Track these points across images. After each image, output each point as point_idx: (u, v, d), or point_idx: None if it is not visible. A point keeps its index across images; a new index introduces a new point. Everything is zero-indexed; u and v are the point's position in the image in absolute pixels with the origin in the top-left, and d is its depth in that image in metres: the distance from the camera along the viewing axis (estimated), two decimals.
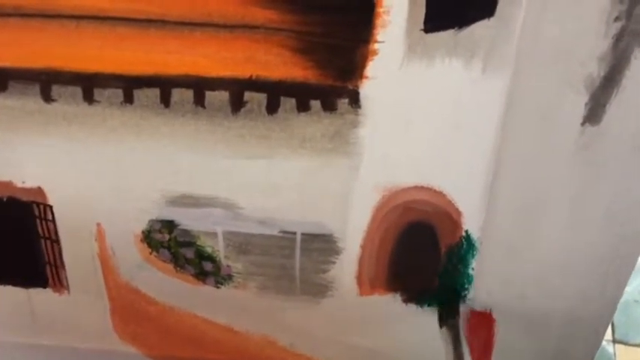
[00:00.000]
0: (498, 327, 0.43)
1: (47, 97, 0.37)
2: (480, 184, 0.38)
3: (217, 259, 0.42)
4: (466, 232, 0.40)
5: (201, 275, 0.43)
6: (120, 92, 0.36)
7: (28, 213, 0.41)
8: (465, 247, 0.40)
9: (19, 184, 0.40)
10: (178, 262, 0.43)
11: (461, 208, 0.39)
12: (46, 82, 0.36)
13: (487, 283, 0.42)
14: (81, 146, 0.38)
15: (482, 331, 0.44)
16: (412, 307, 0.43)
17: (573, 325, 0.42)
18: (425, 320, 0.44)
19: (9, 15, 0.34)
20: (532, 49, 0.33)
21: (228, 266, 0.43)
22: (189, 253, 0.42)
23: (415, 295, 0.43)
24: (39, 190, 0.40)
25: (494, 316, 0.43)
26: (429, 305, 0.43)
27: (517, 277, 0.41)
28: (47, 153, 0.39)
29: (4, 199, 0.41)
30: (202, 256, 0.42)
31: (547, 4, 0.32)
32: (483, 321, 0.43)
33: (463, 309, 0.43)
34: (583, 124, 0.35)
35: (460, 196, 0.38)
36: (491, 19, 0.32)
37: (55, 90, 0.36)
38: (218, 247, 0.42)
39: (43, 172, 0.40)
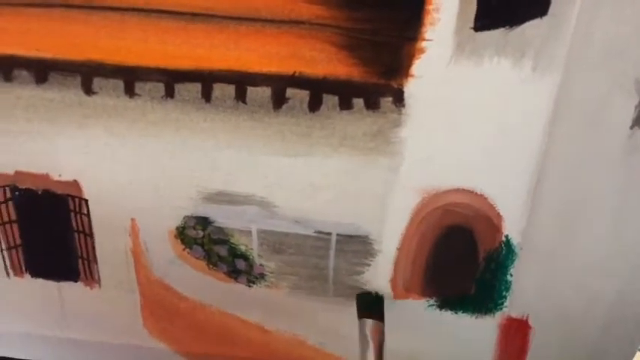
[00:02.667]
0: (534, 333, 0.43)
1: (88, 90, 0.36)
2: (524, 188, 0.37)
3: (250, 257, 0.42)
4: (506, 237, 0.39)
5: (234, 273, 0.43)
6: (161, 86, 0.36)
7: (62, 206, 0.41)
8: (504, 253, 0.40)
9: (55, 177, 0.40)
10: (211, 259, 0.42)
11: (502, 213, 0.38)
12: (88, 75, 0.36)
13: (525, 289, 0.41)
14: (119, 140, 0.38)
15: (517, 338, 0.43)
16: (447, 313, 0.43)
17: (610, 330, 0.42)
18: (459, 326, 0.43)
19: (53, 6, 0.34)
20: (584, 50, 0.33)
21: (261, 265, 0.42)
22: (223, 251, 0.42)
23: (450, 301, 0.42)
24: (75, 184, 0.40)
25: (531, 322, 0.42)
26: (464, 312, 0.43)
27: (555, 283, 0.41)
28: (85, 146, 0.38)
29: (40, 192, 0.41)
30: (235, 254, 0.42)
31: (601, 4, 0.31)
32: (519, 328, 0.42)
33: (499, 315, 0.42)
34: (632, 127, 0.34)
35: (502, 199, 0.38)
36: (544, 18, 0.32)
37: (97, 82, 0.36)
38: (252, 246, 0.41)
39: (79, 166, 0.39)
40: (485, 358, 0.44)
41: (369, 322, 0.40)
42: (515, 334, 0.43)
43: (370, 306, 0.41)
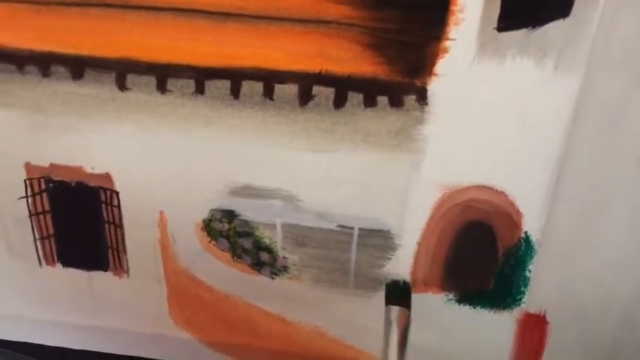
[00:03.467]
0: (551, 329, 0.43)
1: (122, 86, 0.38)
2: (544, 186, 0.38)
3: (274, 250, 0.43)
4: (525, 233, 0.40)
5: (258, 265, 0.44)
6: (192, 83, 0.37)
7: (95, 198, 0.43)
8: (523, 249, 0.40)
9: (89, 170, 0.42)
10: (236, 251, 0.44)
11: (522, 209, 0.39)
12: (122, 71, 0.37)
13: (543, 285, 0.42)
14: (150, 134, 0.39)
15: (535, 334, 0.44)
16: (465, 308, 0.43)
17: (627, 327, 0.42)
18: (478, 321, 0.44)
19: (90, 5, 0.36)
20: (605, 51, 0.33)
21: (284, 258, 0.43)
22: (247, 244, 0.43)
23: (469, 296, 0.43)
24: (107, 176, 0.42)
25: (548, 318, 0.43)
26: (482, 307, 0.43)
27: (573, 280, 0.41)
28: (117, 140, 0.40)
29: (73, 184, 0.42)
30: (260, 246, 0.43)
31: (623, 6, 0.32)
32: (537, 323, 0.43)
33: (517, 311, 0.43)
34: None
35: (522, 197, 0.38)
36: (567, 19, 0.32)
37: (130, 79, 0.38)
38: (276, 239, 0.43)
39: (111, 159, 0.41)
40: (503, 352, 0.45)
41: (395, 309, 0.41)
42: (533, 330, 0.44)
43: (397, 294, 0.42)
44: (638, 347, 0.44)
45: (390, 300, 0.42)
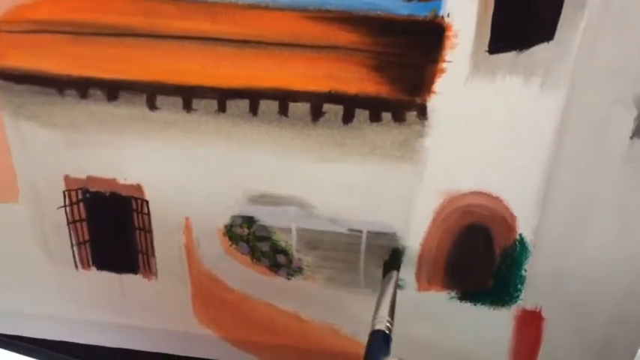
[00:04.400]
0: (547, 324, 0.47)
1: (152, 106, 0.42)
2: (535, 191, 0.41)
3: (290, 252, 0.47)
4: (520, 235, 0.43)
5: (275, 267, 0.48)
6: (215, 102, 0.41)
7: (126, 206, 0.46)
8: (518, 250, 0.44)
9: (121, 181, 0.45)
10: (255, 254, 0.47)
11: (516, 213, 0.42)
12: (152, 93, 0.41)
13: (538, 283, 0.45)
14: (177, 149, 0.43)
15: (531, 328, 0.47)
16: (466, 305, 0.47)
17: (619, 321, 0.45)
18: (478, 317, 0.47)
19: (124, 35, 0.40)
20: (586, 69, 0.37)
21: (299, 259, 0.47)
22: (265, 247, 0.47)
23: (470, 293, 0.46)
24: (138, 187, 0.46)
25: (544, 314, 0.46)
26: (482, 303, 0.46)
27: (566, 277, 0.44)
28: (147, 154, 0.44)
29: (107, 194, 0.46)
30: (277, 249, 0.47)
31: (601, 30, 0.36)
32: (533, 319, 0.46)
33: (514, 307, 0.46)
34: (632, 137, 0.38)
35: (515, 201, 0.42)
36: (551, 42, 0.36)
37: (159, 100, 0.41)
38: (291, 242, 0.46)
39: (142, 171, 0.45)
40: (502, 346, 0.48)
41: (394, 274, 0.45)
42: (530, 325, 0.47)
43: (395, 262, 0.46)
44: (628, 340, 0.46)
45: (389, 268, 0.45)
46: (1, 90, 0.43)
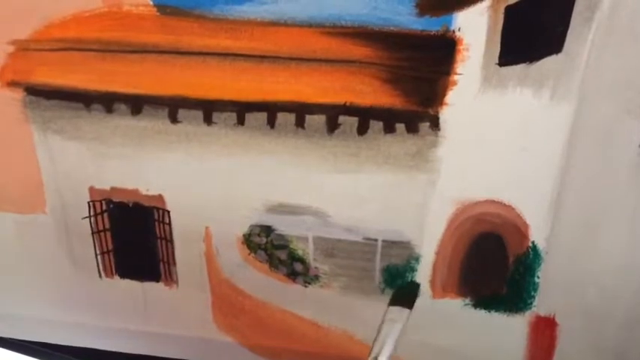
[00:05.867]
0: (561, 330, 0.47)
1: (174, 119, 0.43)
2: (546, 199, 0.42)
3: (307, 261, 0.48)
4: (533, 242, 0.44)
5: (292, 275, 0.49)
6: (234, 115, 0.43)
7: (149, 216, 0.48)
8: (531, 257, 0.44)
9: (144, 192, 0.47)
10: (273, 262, 0.49)
11: (528, 221, 0.43)
12: (174, 107, 0.43)
13: (551, 290, 0.45)
14: (197, 160, 0.45)
15: (546, 334, 0.47)
16: (481, 312, 0.47)
17: (631, 325, 0.45)
18: (492, 324, 0.47)
19: (148, 52, 0.41)
20: (595, 81, 0.38)
21: (316, 267, 0.48)
22: (283, 255, 0.48)
23: (484, 301, 0.47)
24: (160, 197, 0.47)
25: (557, 320, 0.47)
26: (496, 310, 0.47)
27: (578, 284, 0.45)
28: (169, 165, 0.45)
29: (130, 205, 0.48)
30: (294, 258, 0.48)
31: (609, 43, 0.37)
32: (547, 325, 0.47)
33: (528, 314, 0.47)
34: None
35: (528, 209, 0.43)
36: (560, 54, 0.37)
37: (181, 113, 0.43)
38: (308, 251, 0.47)
39: (164, 182, 0.46)
40: (517, 353, 0.49)
41: (398, 309, 0.44)
42: (544, 331, 0.47)
43: (405, 295, 0.46)
44: None
45: (395, 301, 0.45)
46: (30, 105, 0.45)
